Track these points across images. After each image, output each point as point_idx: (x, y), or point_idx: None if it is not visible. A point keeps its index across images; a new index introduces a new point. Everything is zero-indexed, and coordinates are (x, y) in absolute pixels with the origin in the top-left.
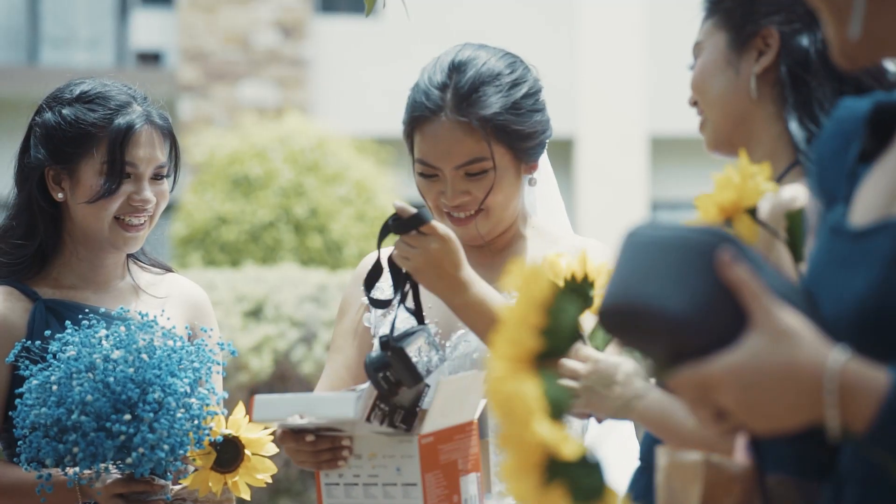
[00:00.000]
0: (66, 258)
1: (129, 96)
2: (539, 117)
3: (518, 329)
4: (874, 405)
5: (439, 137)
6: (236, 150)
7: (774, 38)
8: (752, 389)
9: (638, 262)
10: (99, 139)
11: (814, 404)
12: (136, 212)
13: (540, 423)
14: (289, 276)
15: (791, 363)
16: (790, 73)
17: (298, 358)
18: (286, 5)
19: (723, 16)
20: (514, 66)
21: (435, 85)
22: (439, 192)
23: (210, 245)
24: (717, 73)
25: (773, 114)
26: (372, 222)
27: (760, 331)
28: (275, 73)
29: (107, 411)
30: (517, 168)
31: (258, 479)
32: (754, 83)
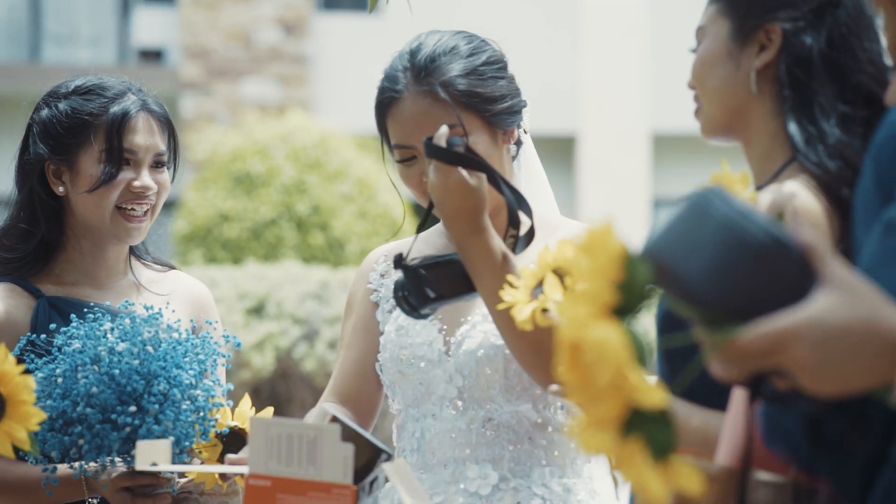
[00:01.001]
0: (69, 254)
1: (124, 86)
2: (504, 84)
3: (596, 281)
4: None
5: (406, 114)
6: (238, 148)
7: (777, 35)
8: (830, 343)
9: (688, 225)
10: (96, 127)
11: (884, 365)
12: (138, 199)
13: (634, 369)
14: (291, 274)
15: (871, 319)
16: (790, 73)
17: (300, 355)
18: (288, 2)
19: (727, 3)
20: (470, 40)
21: (396, 70)
22: (421, 174)
23: (212, 242)
24: (718, 63)
25: (771, 110)
26: (374, 220)
27: (834, 287)
28: (277, 70)
29: (112, 403)
30: (492, 135)
31: None
32: (754, 78)
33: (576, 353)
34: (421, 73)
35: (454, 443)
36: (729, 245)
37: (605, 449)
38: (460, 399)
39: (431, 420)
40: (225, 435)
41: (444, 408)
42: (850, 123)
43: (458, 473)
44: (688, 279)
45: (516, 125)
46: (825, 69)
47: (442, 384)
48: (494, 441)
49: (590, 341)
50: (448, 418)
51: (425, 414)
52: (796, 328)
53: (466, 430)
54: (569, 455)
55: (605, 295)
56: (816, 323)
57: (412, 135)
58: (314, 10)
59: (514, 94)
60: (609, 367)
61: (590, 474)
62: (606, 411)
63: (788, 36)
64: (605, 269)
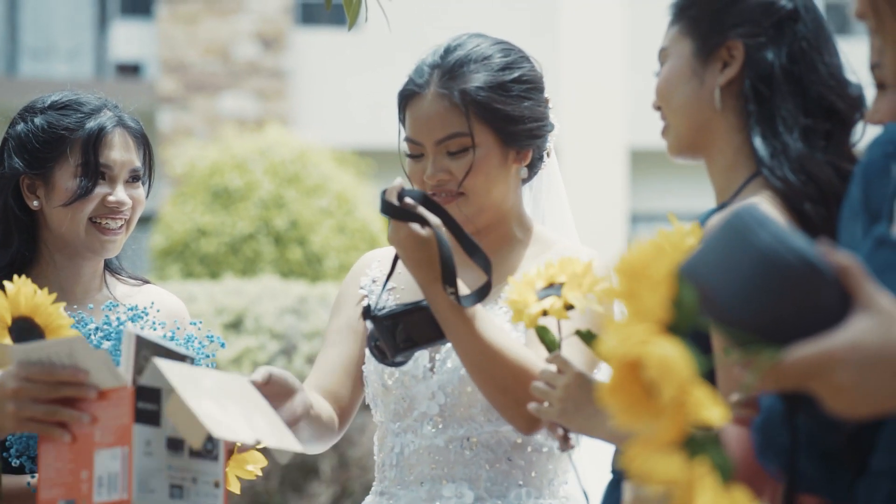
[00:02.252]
0: (43, 268)
1: (100, 102)
2: (529, 105)
3: (651, 299)
4: None
5: (423, 111)
6: (216, 162)
7: (739, 51)
8: (868, 367)
9: (725, 248)
10: (72, 142)
11: None
12: (112, 213)
13: (697, 385)
14: (269, 289)
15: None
16: (753, 88)
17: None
18: (266, 17)
19: (688, 23)
20: (508, 53)
21: (426, 64)
22: (423, 172)
23: (189, 257)
24: (682, 81)
25: (735, 125)
26: (352, 234)
27: (870, 310)
28: (255, 84)
29: None
30: (503, 154)
31: (248, 471)
32: (718, 94)
33: (633, 372)
34: (446, 74)
35: (432, 460)
36: (765, 270)
37: (670, 474)
38: (441, 417)
39: (411, 436)
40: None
41: (425, 425)
42: (812, 136)
43: (434, 492)
44: (724, 302)
45: (533, 148)
46: (787, 83)
47: (425, 401)
48: (472, 460)
49: (653, 357)
50: (427, 435)
51: (405, 429)
52: (836, 352)
53: (445, 449)
54: (546, 476)
55: (660, 312)
56: (856, 347)
57: (423, 133)
58: (292, 24)
59: (538, 117)
60: (673, 383)
61: (566, 495)
62: (667, 431)
63: (750, 52)
64: (660, 288)
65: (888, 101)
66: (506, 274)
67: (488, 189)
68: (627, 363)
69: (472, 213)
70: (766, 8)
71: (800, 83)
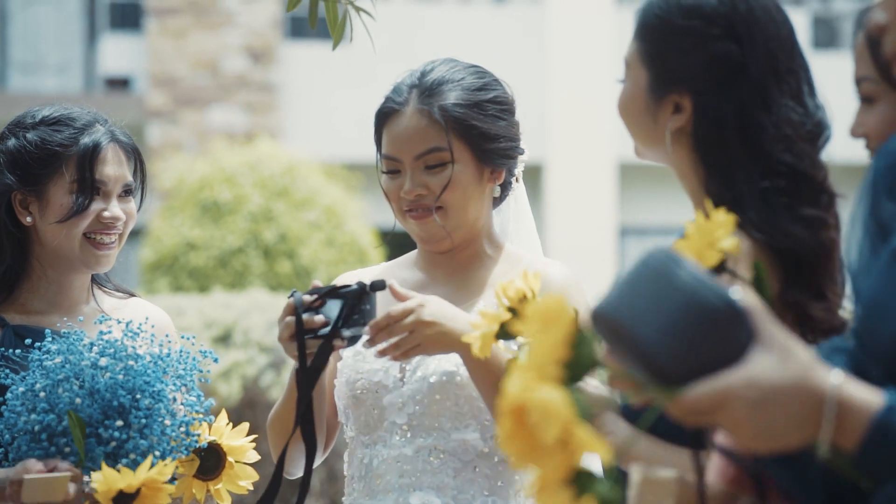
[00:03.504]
0: (34, 283)
1: (91, 117)
2: (503, 125)
3: (544, 362)
4: (864, 425)
5: (401, 127)
6: (205, 176)
7: (688, 104)
8: (763, 403)
9: (646, 288)
10: (67, 158)
11: (814, 422)
12: (106, 229)
13: (580, 426)
14: (258, 302)
15: (802, 378)
16: (704, 140)
17: (267, 383)
18: (255, 31)
19: (646, 53)
20: (482, 76)
21: (404, 84)
22: (400, 188)
23: (178, 271)
24: (637, 113)
25: (693, 162)
26: (341, 248)
27: (767, 347)
28: (244, 98)
29: (97, 417)
30: (479, 171)
31: (240, 485)
32: (669, 140)
33: (520, 417)
34: (425, 92)
35: (400, 470)
36: (688, 311)
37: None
38: (409, 426)
39: (381, 447)
40: (203, 450)
41: (394, 434)
42: (771, 196)
43: (402, 501)
44: (643, 341)
45: (506, 168)
46: (739, 141)
47: (395, 411)
48: (440, 469)
49: (534, 402)
50: (396, 445)
51: (375, 441)
52: (732, 388)
53: (413, 458)
54: (512, 486)
55: (551, 369)
56: (750, 383)
57: (402, 148)
58: (281, 38)
59: (511, 137)
60: (555, 425)
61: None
62: (556, 470)
63: (698, 106)
64: (554, 347)
65: (876, 115)
66: (476, 290)
67: (465, 204)
68: (514, 409)
69: (450, 227)
70: (714, 63)
71: (749, 140)
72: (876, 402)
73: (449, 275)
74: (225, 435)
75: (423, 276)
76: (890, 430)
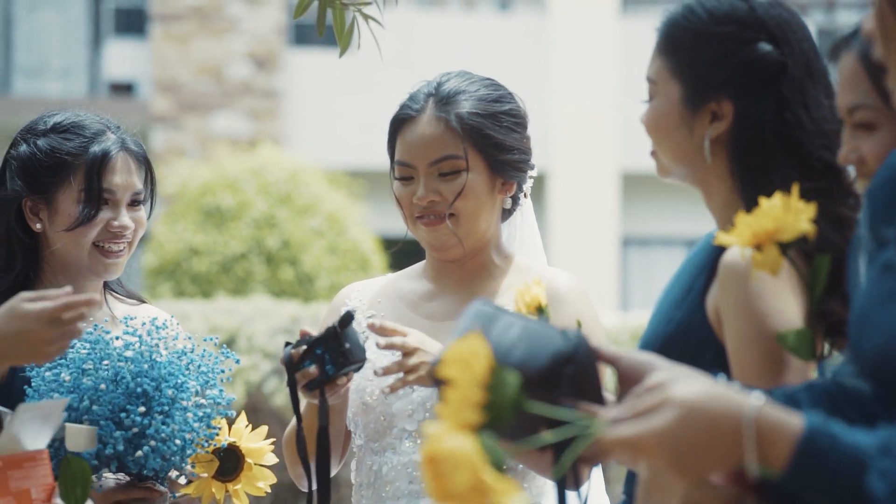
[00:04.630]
0: (46, 288)
1: (102, 125)
2: (518, 137)
3: (460, 407)
4: (789, 448)
5: (417, 134)
6: (208, 182)
7: (728, 109)
8: (680, 452)
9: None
10: (76, 167)
11: (736, 448)
12: (115, 238)
13: (487, 472)
14: (261, 308)
15: (711, 424)
16: (744, 146)
17: (271, 390)
18: (259, 37)
19: (678, 67)
20: (497, 88)
21: (421, 92)
22: (413, 195)
23: (181, 276)
24: (672, 128)
25: (726, 170)
26: (343, 255)
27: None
28: (247, 104)
29: (120, 403)
30: (491, 181)
31: (258, 487)
32: (708, 148)
33: (435, 467)
34: (442, 100)
35: (409, 476)
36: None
37: None
38: (419, 433)
39: (390, 454)
40: (222, 450)
41: (404, 441)
42: (809, 197)
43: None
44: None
45: (517, 182)
46: (778, 142)
47: (404, 418)
48: None
49: (442, 452)
50: (406, 451)
51: (385, 448)
52: (646, 442)
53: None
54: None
55: (467, 414)
56: (664, 438)
57: (417, 154)
58: (285, 44)
59: (524, 150)
60: (464, 474)
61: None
62: None
63: (739, 111)
64: (469, 391)
65: (875, 142)
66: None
67: (476, 213)
68: (430, 460)
69: (461, 235)
70: (754, 65)
71: (790, 141)
72: (797, 422)
73: (457, 284)
74: (244, 437)
75: (431, 286)
76: (815, 448)
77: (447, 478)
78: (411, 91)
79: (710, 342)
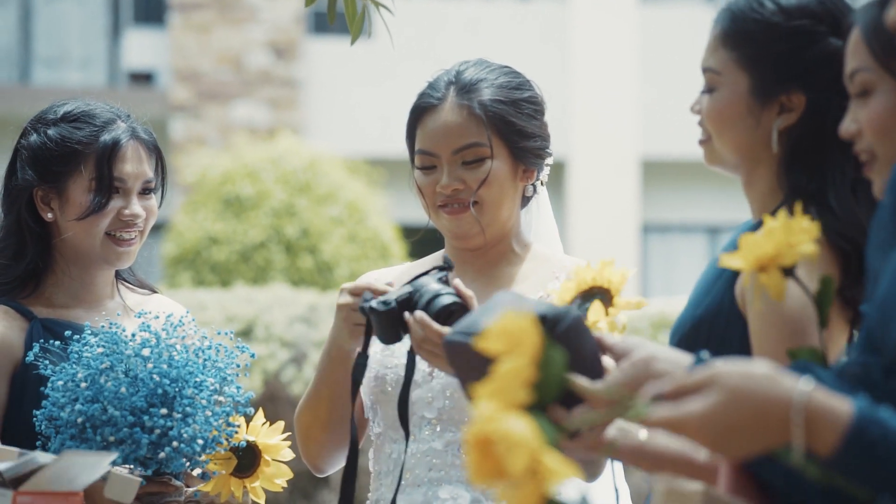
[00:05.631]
0: (58, 277)
1: (113, 114)
2: (539, 124)
3: (510, 384)
4: (838, 433)
5: (440, 122)
6: (228, 171)
7: (801, 102)
8: (724, 435)
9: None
10: (86, 156)
11: (781, 432)
12: (127, 227)
13: (545, 453)
14: (279, 297)
15: (758, 408)
16: (809, 137)
17: (288, 378)
18: (279, 26)
19: (746, 59)
20: (517, 76)
21: (441, 81)
22: (435, 184)
23: (200, 265)
24: (737, 118)
25: (777, 161)
26: (363, 243)
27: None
28: (267, 93)
29: (141, 405)
30: (513, 168)
31: (275, 483)
32: (776, 138)
33: (486, 448)
34: (464, 88)
35: (429, 464)
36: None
37: None
38: (439, 420)
39: (410, 441)
40: (241, 449)
41: (423, 429)
42: (858, 188)
43: (431, 494)
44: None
45: (537, 168)
46: (837, 136)
47: (424, 405)
48: None
49: (498, 433)
50: (425, 439)
51: (404, 435)
52: (690, 424)
53: (443, 452)
54: None
55: (518, 394)
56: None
57: (440, 143)
58: (305, 33)
59: (544, 137)
60: (522, 455)
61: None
62: (526, 500)
63: (811, 104)
64: (520, 370)
65: (871, 106)
66: (504, 287)
67: (500, 201)
68: (480, 441)
69: (484, 223)
70: (827, 59)
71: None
72: (847, 408)
73: (477, 272)
74: (261, 433)
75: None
76: (865, 436)
77: (502, 459)
78: (430, 80)
79: (738, 326)
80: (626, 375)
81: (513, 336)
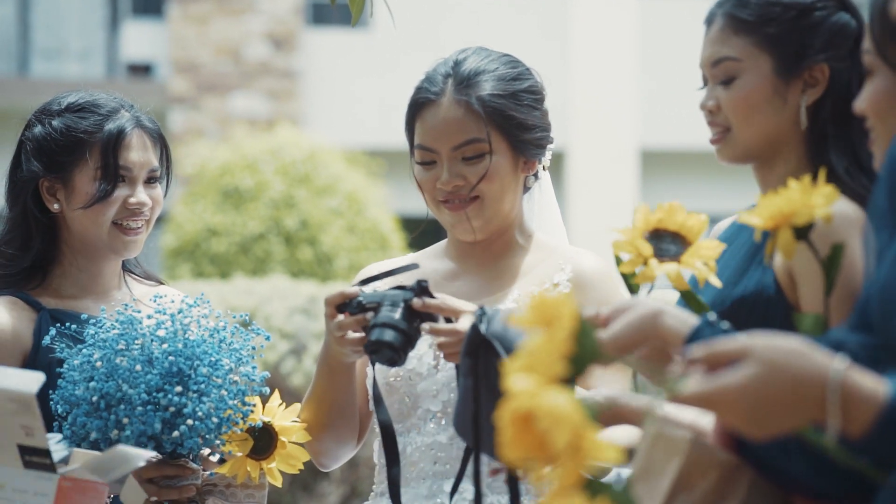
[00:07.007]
0: (65, 268)
1: (117, 103)
2: (539, 114)
3: (551, 359)
4: (873, 413)
5: (439, 118)
6: (227, 162)
7: (824, 75)
8: (757, 410)
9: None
10: (91, 145)
11: (815, 409)
12: (133, 215)
13: (589, 429)
14: (279, 288)
15: (793, 385)
16: (835, 109)
17: (288, 370)
18: (277, 17)
19: (766, 40)
20: (515, 65)
21: (439, 73)
22: (436, 179)
23: (200, 257)
24: (764, 100)
25: (805, 138)
26: (362, 234)
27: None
28: (266, 85)
29: (156, 383)
30: (514, 161)
31: (292, 465)
32: (804, 115)
33: (526, 424)
34: (462, 82)
35: (434, 457)
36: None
37: None
38: (444, 413)
39: (415, 434)
40: (258, 430)
41: (428, 422)
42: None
43: (436, 488)
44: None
45: (538, 158)
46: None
47: (429, 398)
48: None
49: (543, 409)
50: (430, 432)
51: (409, 429)
52: (730, 397)
53: (448, 445)
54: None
55: (556, 367)
56: (746, 393)
57: (439, 139)
58: (303, 24)
59: (544, 127)
60: (566, 431)
61: None
62: (566, 476)
63: (835, 75)
64: (558, 344)
65: (869, 88)
66: (509, 279)
67: (502, 195)
68: (519, 417)
69: (483, 220)
70: (843, 30)
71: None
72: (882, 389)
73: (481, 265)
74: (277, 415)
75: (454, 265)
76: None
77: (543, 435)
78: (428, 71)
79: (780, 304)
80: (632, 328)
81: (551, 311)
